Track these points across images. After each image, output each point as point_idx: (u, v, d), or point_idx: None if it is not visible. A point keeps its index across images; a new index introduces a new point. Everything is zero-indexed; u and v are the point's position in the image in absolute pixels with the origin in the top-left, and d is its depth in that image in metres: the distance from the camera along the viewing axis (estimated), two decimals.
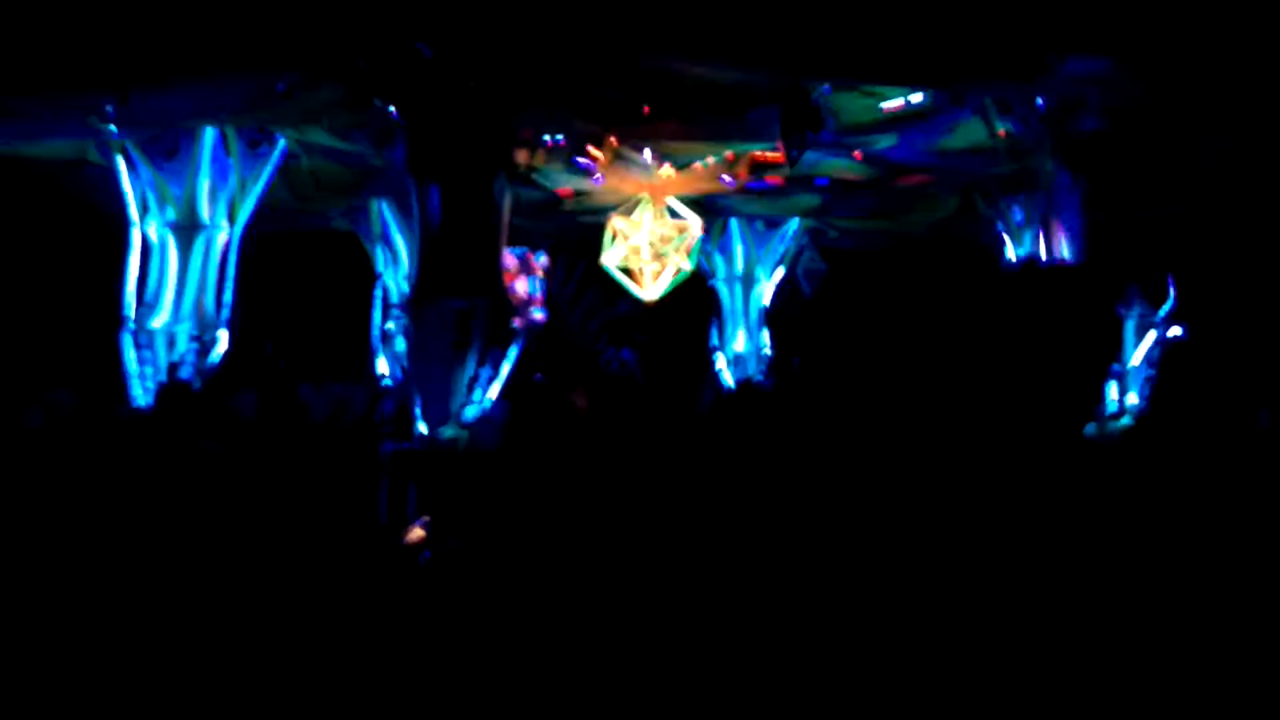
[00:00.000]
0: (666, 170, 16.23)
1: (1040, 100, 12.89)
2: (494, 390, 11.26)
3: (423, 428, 10.82)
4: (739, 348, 21.30)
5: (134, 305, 13.88)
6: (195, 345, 13.63)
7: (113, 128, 12.97)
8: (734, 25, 11.23)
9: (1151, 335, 13.44)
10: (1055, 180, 13.59)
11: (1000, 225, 16.63)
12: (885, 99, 13.34)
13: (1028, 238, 15.91)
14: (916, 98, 13.01)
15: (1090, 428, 13.02)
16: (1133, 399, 13.25)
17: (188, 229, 13.92)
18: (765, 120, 13.30)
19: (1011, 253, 16.39)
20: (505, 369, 11.27)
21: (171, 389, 11.88)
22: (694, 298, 21.21)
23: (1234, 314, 15.32)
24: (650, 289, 18.33)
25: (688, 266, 18.11)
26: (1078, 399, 12.93)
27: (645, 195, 17.38)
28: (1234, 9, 10.42)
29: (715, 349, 21.50)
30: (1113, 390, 13.19)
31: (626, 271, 18.24)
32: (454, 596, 8.91)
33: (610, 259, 18.01)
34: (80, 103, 12.41)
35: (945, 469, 13.14)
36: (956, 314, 18.12)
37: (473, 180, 10.86)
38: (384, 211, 17.68)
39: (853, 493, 12.34)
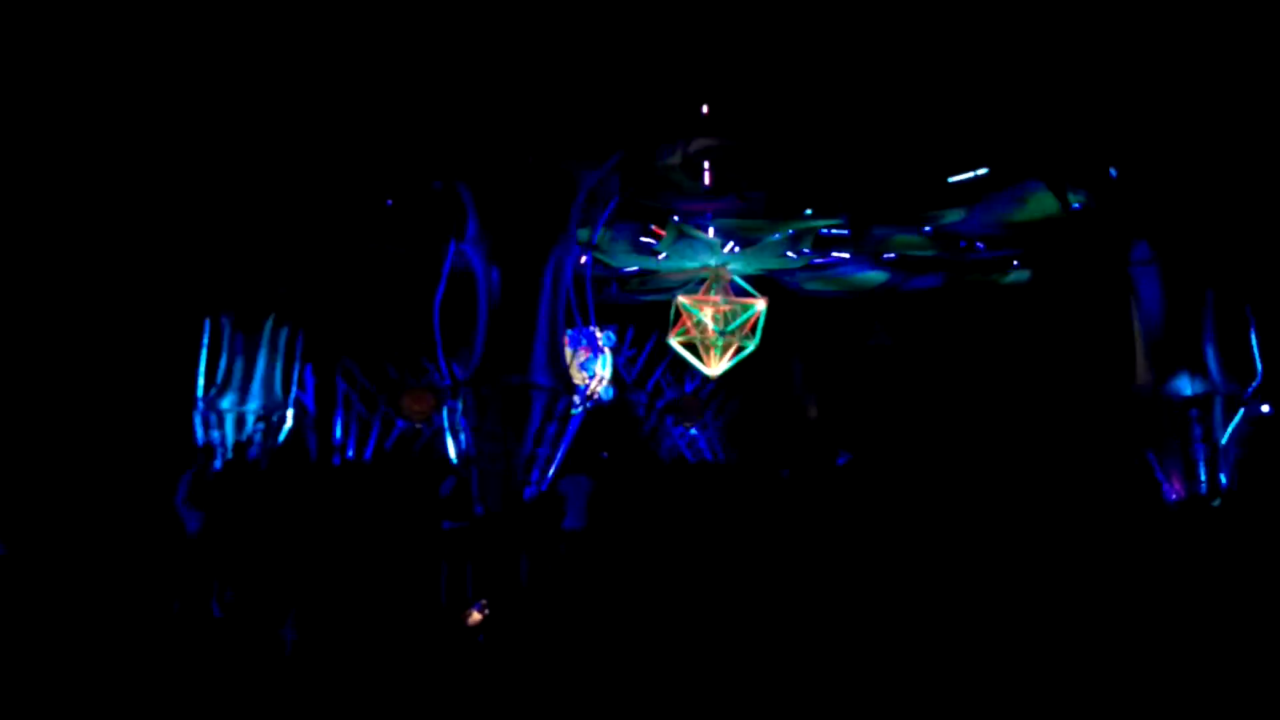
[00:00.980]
0: (731, 248, 16.20)
1: (1113, 171, 12.60)
2: (552, 469, 11.10)
3: (481, 507, 10.70)
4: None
5: (205, 386, 14.11)
6: (262, 425, 13.78)
7: None
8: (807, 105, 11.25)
9: (1239, 412, 12.79)
10: (1132, 251, 13.18)
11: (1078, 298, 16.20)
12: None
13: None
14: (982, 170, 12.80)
15: (1181, 506, 12.46)
16: (1221, 478, 12.61)
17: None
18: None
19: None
20: (563, 448, 11.12)
21: (236, 467, 11.96)
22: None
23: None
24: (716, 366, 18.22)
25: (752, 343, 17.98)
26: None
27: (710, 273, 17.36)
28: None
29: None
30: (1200, 470, 12.60)
31: (692, 349, 18.18)
32: (512, 682, 8.72)
33: (676, 337, 17.97)
34: None
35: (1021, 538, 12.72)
36: (1039, 382, 17.75)
37: (533, 260, 10.88)
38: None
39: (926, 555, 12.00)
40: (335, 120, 10.96)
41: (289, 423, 14.24)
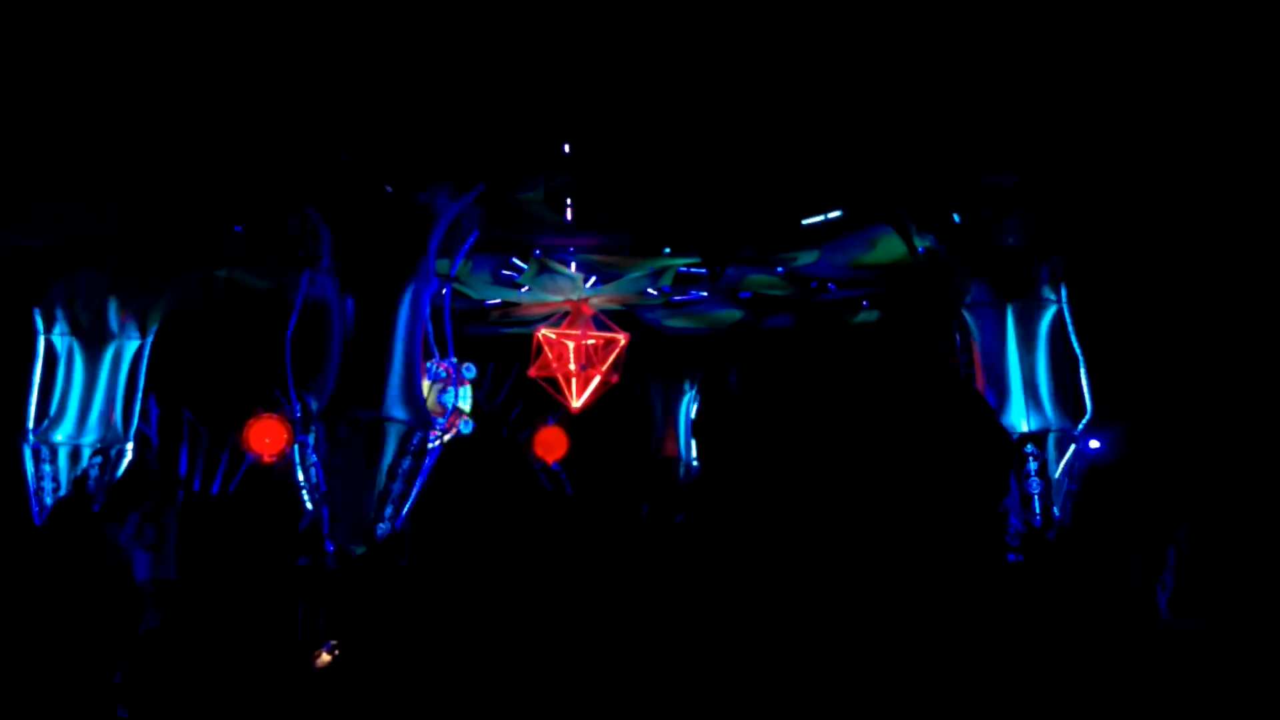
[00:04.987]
0: (593, 283, 16.29)
1: (957, 216, 13.15)
2: (406, 506, 10.85)
3: (331, 544, 10.40)
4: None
5: (36, 417, 13.32)
6: (99, 459, 13.09)
7: None
8: (659, 148, 11.41)
9: (1071, 449, 13.45)
10: (973, 296, 13.75)
11: (921, 339, 16.82)
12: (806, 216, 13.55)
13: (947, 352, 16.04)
14: (835, 213, 13.22)
15: (1013, 543, 13.00)
16: (1054, 514, 13.23)
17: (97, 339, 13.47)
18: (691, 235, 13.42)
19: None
20: (418, 484, 10.88)
21: (68, 505, 11.30)
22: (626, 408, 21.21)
23: (1156, 426, 15.53)
24: (578, 399, 18.23)
25: (614, 378, 18.08)
26: (989, 514, 13.00)
27: (571, 307, 17.40)
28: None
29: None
30: (1035, 505, 13.19)
31: (554, 382, 18.15)
32: None
33: (538, 370, 17.92)
34: None
35: (854, 578, 13.09)
36: (874, 427, 18.27)
37: (390, 290, 10.71)
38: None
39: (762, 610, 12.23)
40: (181, 139, 10.55)
41: (129, 456, 13.56)
